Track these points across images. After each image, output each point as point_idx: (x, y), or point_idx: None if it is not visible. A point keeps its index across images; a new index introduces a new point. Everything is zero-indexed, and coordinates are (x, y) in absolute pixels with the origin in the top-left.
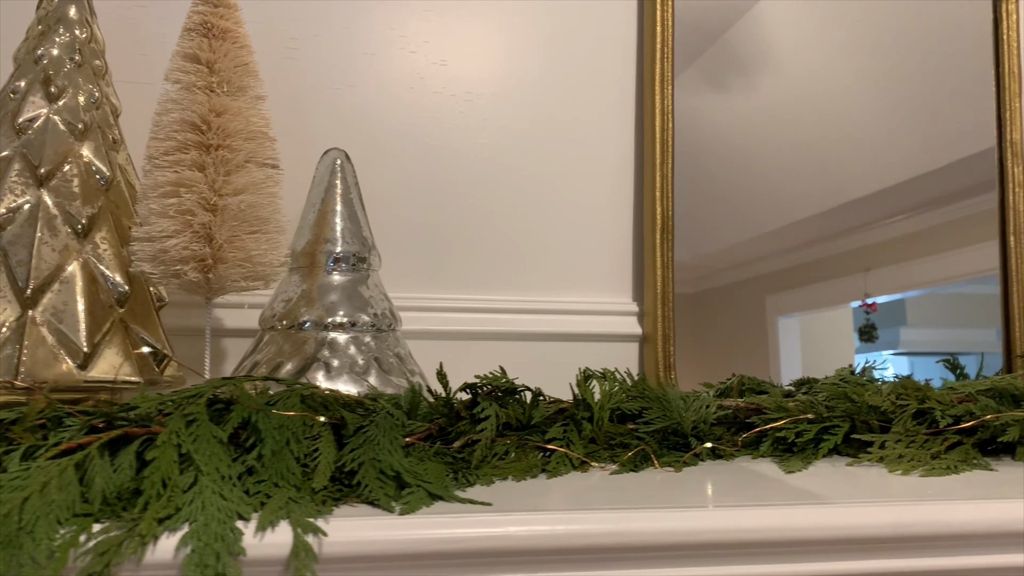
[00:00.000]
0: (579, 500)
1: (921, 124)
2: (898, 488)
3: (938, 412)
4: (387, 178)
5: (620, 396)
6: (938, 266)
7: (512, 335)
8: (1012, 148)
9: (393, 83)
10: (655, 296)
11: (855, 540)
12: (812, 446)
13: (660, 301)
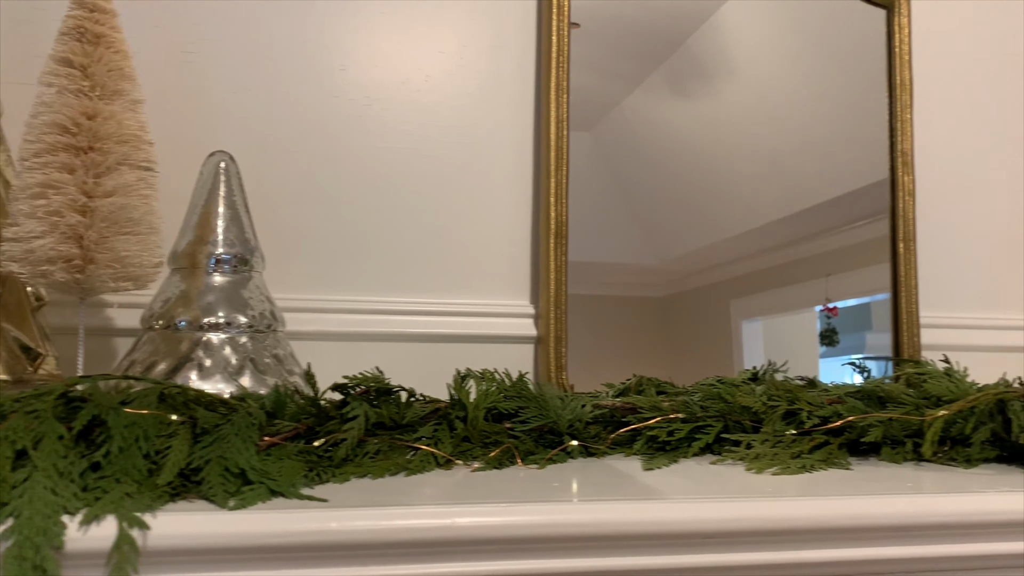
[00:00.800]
0: (418, 496)
1: (875, 131)
2: (741, 485)
3: (804, 413)
4: (286, 181)
5: (496, 396)
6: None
7: (409, 336)
8: (903, 158)
9: (292, 87)
10: (548, 299)
11: (674, 535)
12: (685, 445)
13: (553, 304)
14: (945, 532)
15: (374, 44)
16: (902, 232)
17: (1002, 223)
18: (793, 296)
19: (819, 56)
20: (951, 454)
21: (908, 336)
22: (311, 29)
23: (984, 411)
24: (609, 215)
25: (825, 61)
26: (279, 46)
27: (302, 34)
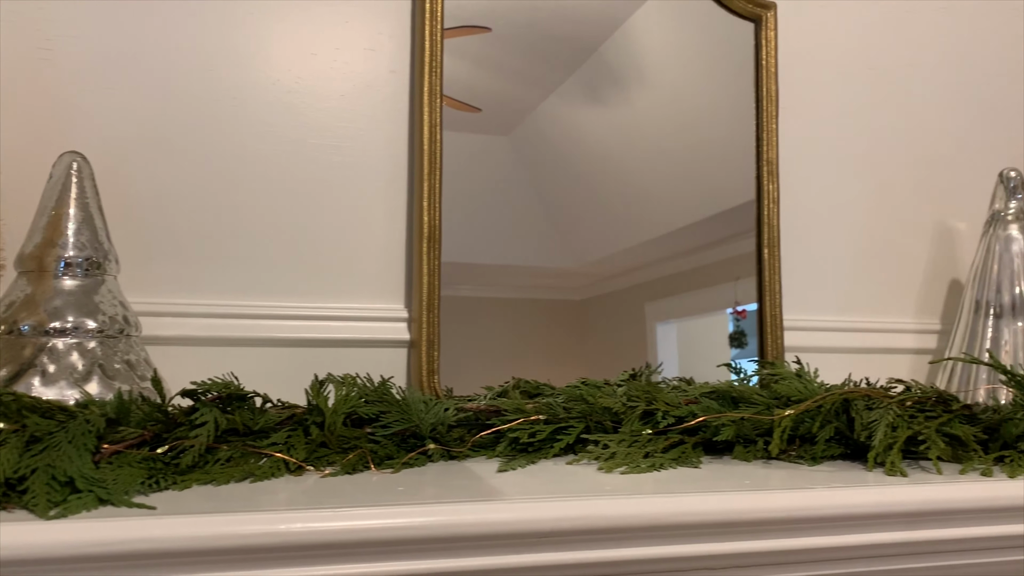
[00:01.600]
0: (256, 503)
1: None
2: (585, 485)
3: (660, 413)
4: (150, 182)
5: (356, 401)
6: None
7: (278, 341)
8: (768, 166)
9: (157, 87)
10: (421, 303)
11: (489, 536)
12: (547, 446)
13: (426, 307)
14: (762, 528)
15: (243, 44)
16: (767, 238)
17: (860, 229)
18: (705, 299)
19: (722, 66)
20: (799, 452)
21: (772, 339)
22: (178, 28)
23: (830, 410)
24: (528, 219)
25: (727, 71)
26: (143, 45)
27: (168, 33)
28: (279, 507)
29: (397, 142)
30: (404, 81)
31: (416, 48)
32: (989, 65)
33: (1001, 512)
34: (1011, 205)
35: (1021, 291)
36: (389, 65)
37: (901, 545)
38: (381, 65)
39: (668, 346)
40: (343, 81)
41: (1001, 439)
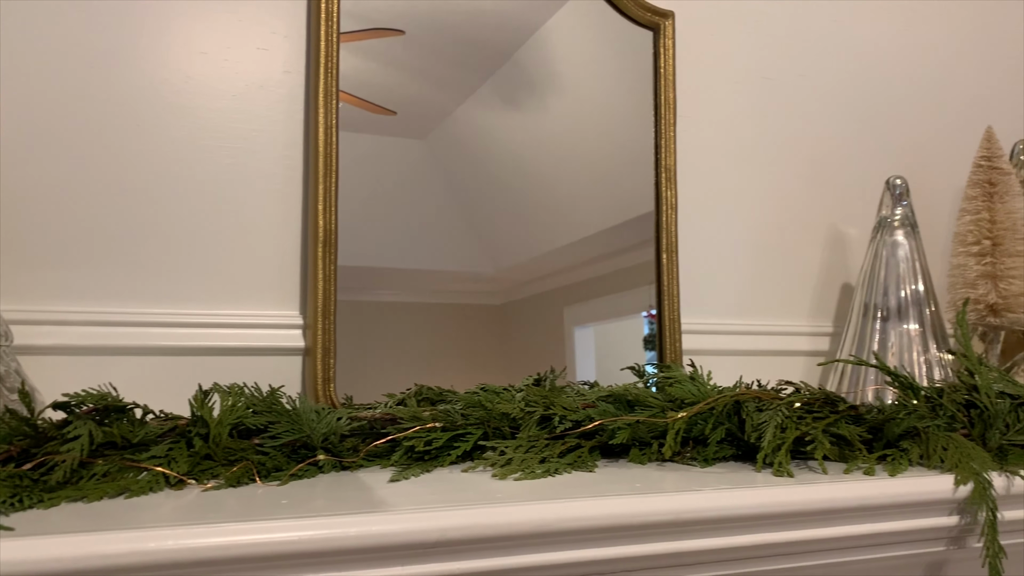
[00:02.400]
0: (130, 520)
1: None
2: (477, 493)
3: (557, 418)
4: (28, 184)
5: (243, 411)
6: None
7: (166, 350)
8: (667, 173)
9: (36, 87)
10: (316, 309)
11: (355, 550)
12: (444, 454)
13: (321, 314)
14: (651, 531)
15: (128, 42)
16: (665, 243)
17: (756, 235)
18: (621, 303)
19: (630, 73)
20: (692, 454)
21: (671, 342)
22: (59, 24)
23: (722, 412)
24: (444, 223)
25: (636, 79)
26: (22, 42)
27: (49, 29)
28: (153, 523)
29: (292, 144)
30: (299, 82)
31: (311, 49)
32: (877, 76)
33: (882, 510)
34: (897, 212)
35: (907, 295)
36: (283, 65)
37: (789, 544)
38: (275, 65)
39: (586, 350)
40: (235, 81)
41: (884, 438)
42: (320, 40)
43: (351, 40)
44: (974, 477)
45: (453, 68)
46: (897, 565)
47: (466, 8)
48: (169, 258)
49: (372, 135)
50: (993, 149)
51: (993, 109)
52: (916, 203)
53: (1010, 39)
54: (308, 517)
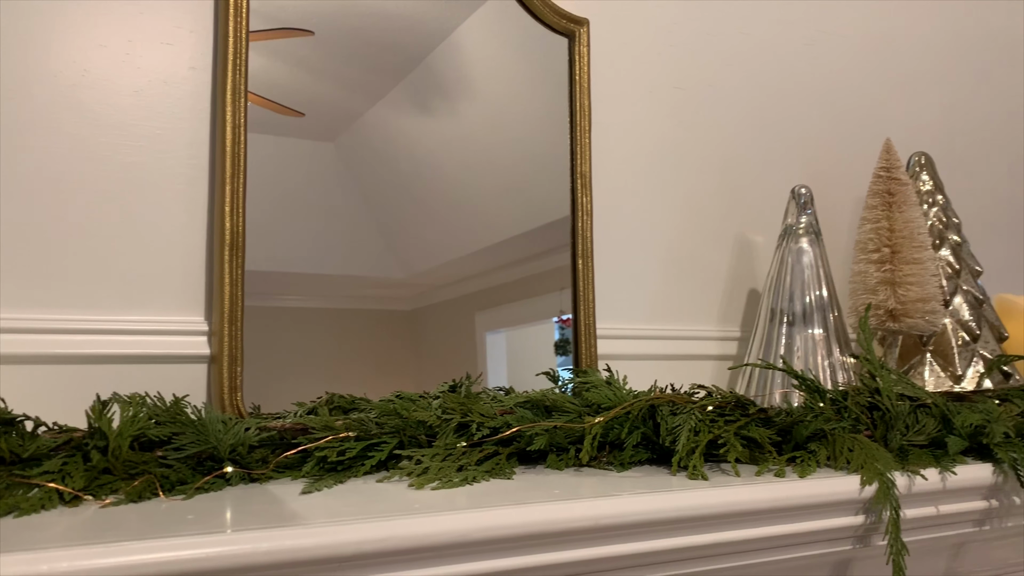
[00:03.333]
0: (16, 540)
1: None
2: (392, 504)
3: (474, 425)
4: None
5: (144, 422)
6: None
7: (59, 358)
8: (582, 179)
9: None
10: (222, 315)
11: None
12: (359, 464)
13: (228, 320)
14: (565, 538)
15: (19, 31)
16: (581, 249)
17: (669, 241)
18: (532, 309)
19: (544, 80)
20: (609, 458)
21: (587, 347)
22: None
23: (637, 416)
24: (354, 227)
25: (550, 85)
26: None
27: None
28: (45, 544)
29: (198, 143)
30: (206, 79)
31: (219, 45)
32: (783, 88)
33: (794, 511)
34: (802, 220)
35: (811, 300)
36: (189, 61)
37: (706, 547)
38: (180, 61)
39: (497, 355)
40: (137, 76)
41: (793, 440)
42: (228, 36)
43: (259, 39)
44: (878, 477)
45: (363, 70)
46: (807, 565)
47: (377, 10)
48: (64, 261)
49: (280, 137)
50: (892, 160)
51: (892, 121)
52: (820, 211)
53: (908, 56)
54: (216, 533)
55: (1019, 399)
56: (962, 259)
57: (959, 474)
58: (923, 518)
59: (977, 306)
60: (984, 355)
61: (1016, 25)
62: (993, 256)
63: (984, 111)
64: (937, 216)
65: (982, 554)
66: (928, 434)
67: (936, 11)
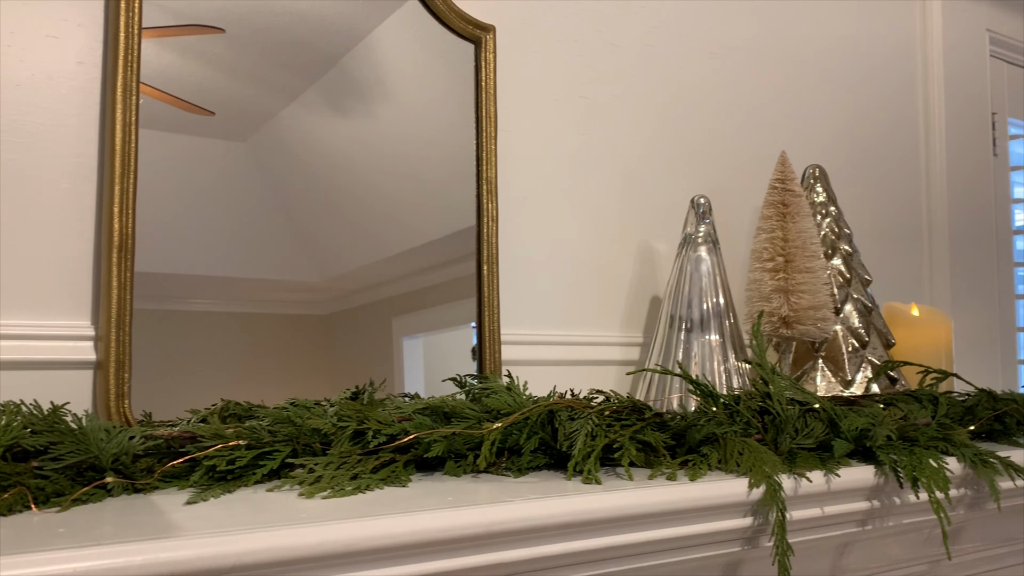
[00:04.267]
0: None
1: None
2: (278, 514)
3: (371, 432)
4: None
5: (18, 430)
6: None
7: None
8: (488, 185)
9: None
10: (110, 319)
11: None
12: (250, 473)
13: (115, 325)
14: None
15: None
16: (486, 255)
17: (574, 247)
18: (450, 314)
19: (457, 85)
20: (507, 464)
21: (491, 353)
22: None
23: (536, 422)
24: (267, 230)
25: (463, 91)
26: None
27: None
28: None
29: (86, 141)
30: (95, 75)
31: (109, 40)
32: (685, 100)
33: (683, 513)
34: (701, 229)
35: (708, 307)
36: (76, 56)
37: (597, 551)
38: (67, 55)
39: (414, 361)
40: (19, 69)
41: (687, 444)
42: (119, 31)
43: (167, 35)
44: (766, 480)
45: (277, 70)
46: (697, 567)
47: (291, 9)
48: None
49: (189, 135)
50: (786, 172)
51: (790, 134)
52: (721, 220)
53: (806, 71)
54: (87, 546)
55: (904, 403)
56: (853, 268)
57: (843, 476)
58: (809, 519)
59: (866, 314)
60: (872, 361)
61: (909, 43)
62: (883, 265)
63: (876, 126)
64: (830, 227)
65: (866, 553)
66: (816, 437)
67: (834, 28)
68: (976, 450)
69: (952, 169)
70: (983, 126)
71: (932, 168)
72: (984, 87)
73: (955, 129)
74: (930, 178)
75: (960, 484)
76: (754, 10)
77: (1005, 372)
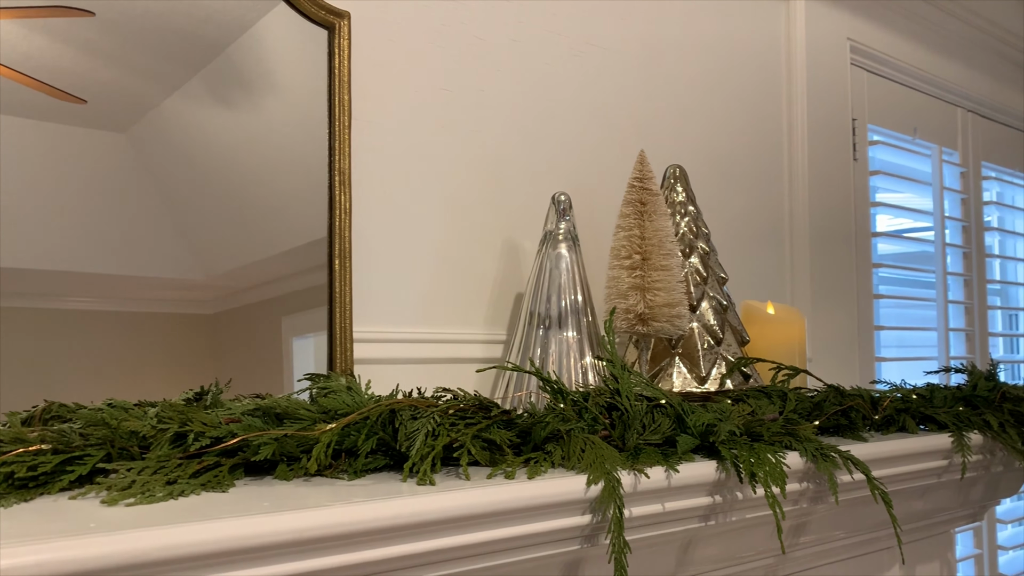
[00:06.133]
0: None
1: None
2: (71, 524)
3: (192, 435)
4: None
5: None
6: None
7: None
8: (340, 176)
9: None
10: None
11: None
12: (57, 479)
13: None
14: (259, 554)
15: None
16: (338, 249)
17: (437, 243)
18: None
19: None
20: (344, 466)
21: (342, 351)
22: None
23: (376, 422)
24: (148, 225)
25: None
26: None
27: None
28: None
29: None
30: None
31: None
32: (550, 96)
33: (517, 513)
34: (561, 226)
35: (567, 304)
36: None
37: (424, 555)
38: None
39: (304, 361)
40: None
41: (532, 441)
42: None
43: (28, 16)
44: (604, 476)
45: (157, 58)
46: (536, 567)
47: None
48: None
49: (62, 124)
50: (645, 171)
51: (653, 134)
52: (586, 218)
53: (670, 72)
54: None
55: (754, 399)
56: (710, 267)
57: (683, 472)
58: (650, 515)
59: (722, 311)
60: (727, 357)
61: (774, 49)
62: (747, 266)
63: (741, 129)
64: (688, 226)
65: (714, 547)
66: (663, 433)
67: (700, 32)
68: (818, 444)
69: (814, 173)
70: (844, 131)
71: (795, 171)
72: (845, 94)
73: (817, 134)
74: (792, 181)
75: (803, 478)
76: (621, 10)
77: (863, 369)
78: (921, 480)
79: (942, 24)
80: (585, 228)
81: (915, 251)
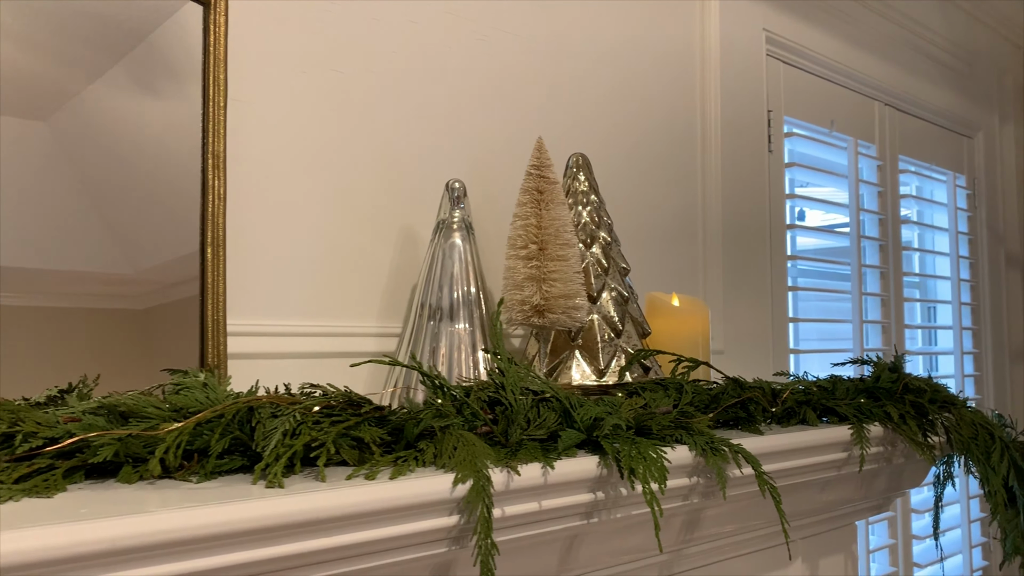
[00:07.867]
0: None
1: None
2: None
3: (20, 436)
4: None
5: None
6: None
7: None
8: (215, 160)
9: None
10: None
11: None
12: None
13: None
14: (68, 566)
15: None
16: (211, 237)
17: (326, 232)
18: None
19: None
20: (195, 468)
21: (214, 344)
22: None
23: (233, 420)
24: (71, 217)
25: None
26: None
27: None
28: None
29: None
30: None
31: None
32: (450, 81)
33: (374, 516)
34: (455, 214)
35: (459, 296)
36: None
37: (263, 563)
38: None
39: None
40: None
41: (404, 439)
42: None
43: None
44: (474, 474)
45: (76, 43)
46: (402, 570)
47: None
48: None
49: None
50: (542, 159)
51: (557, 122)
52: (485, 207)
53: (579, 62)
54: None
55: (650, 391)
56: (611, 258)
57: (560, 468)
58: (525, 514)
59: (623, 303)
60: (626, 349)
61: (688, 39)
62: (660, 258)
63: (653, 120)
64: (591, 215)
65: (597, 546)
66: (548, 428)
67: (611, 20)
68: (710, 437)
69: (727, 165)
70: (759, 123)
71: (708, 163)
72: (760, 85)
73: (731, 125)
74: (706, 173)
75: (694, 472)
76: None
77: (776, 361)
78: (820, 473)
79: (860, 18)
80: (487, 217)
81: (834, 244)
